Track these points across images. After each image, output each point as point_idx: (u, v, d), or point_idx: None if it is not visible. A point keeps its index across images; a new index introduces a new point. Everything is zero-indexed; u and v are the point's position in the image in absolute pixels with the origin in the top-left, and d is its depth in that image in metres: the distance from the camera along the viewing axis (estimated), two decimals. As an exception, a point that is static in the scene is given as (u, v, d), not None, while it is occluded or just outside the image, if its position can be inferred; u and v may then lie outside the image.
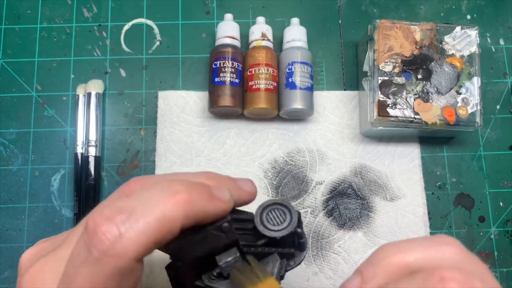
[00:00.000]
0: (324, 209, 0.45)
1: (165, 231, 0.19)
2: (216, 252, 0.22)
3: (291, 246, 0.25)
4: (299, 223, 0.24)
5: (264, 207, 0.24)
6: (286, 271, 0.24)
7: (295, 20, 0.48)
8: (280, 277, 0.24)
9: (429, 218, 0.45)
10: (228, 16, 0.47)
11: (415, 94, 0.43)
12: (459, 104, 0.43)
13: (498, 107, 0.49)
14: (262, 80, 0.44)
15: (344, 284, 0.21)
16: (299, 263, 0.25)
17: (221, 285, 0.22)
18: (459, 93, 0.43)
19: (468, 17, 0.51)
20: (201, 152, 0.46)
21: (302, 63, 0.45)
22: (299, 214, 0.24)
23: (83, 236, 0.19)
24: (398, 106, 0.42)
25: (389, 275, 0.20)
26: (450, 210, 0.46)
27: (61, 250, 0.21)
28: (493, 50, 0.50)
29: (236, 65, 0.45)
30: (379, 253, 0.21)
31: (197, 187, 0.21)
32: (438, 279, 0.18)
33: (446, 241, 0.21)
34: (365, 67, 0.45)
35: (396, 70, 0.43)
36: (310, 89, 0.45)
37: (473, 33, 0.45)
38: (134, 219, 0.18)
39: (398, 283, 0.20)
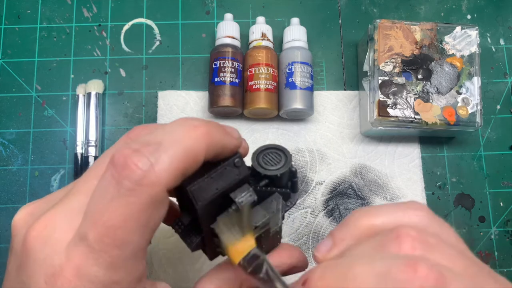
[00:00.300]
0: (324, 209, 0.45)
1: (191, 161, 0.20)
2: (230, 190, 0.23)
3: (286, 187, 0.26)
4: None
5: (258, 152, 0.26)
6: (285, 211, 0.26)
7: (295, 20, 0.48)
8: (282, 217, 0.25)
9: (429, 218, 0.45)
10: (228, 16, 0.47)
11: (415, 94, 0.43)
12: (459, 104, 0.43)
13: (498, 107, 0.49)
14: (262, 80, 0.44)
15: (318, 246, 0.23)
16: (295, 203, 0.27)
17: None
18: (459, 93, 0.43)
19: (468, 17, 0.51)
20: (201, 152, 0.46)
21: (302, 63, 0.45)
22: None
23: (110, 171, 0.19)
24: (398, 106, 0.42)
25: (357, 237, 0.22)
26: (450, 210, 0.46)
27: (69, 201, 0.21)
28: (493, 50, 0.50)
29: (236, 65, 0.45)
30: (350, 217, 0.23)
31: (213, 123, 0.22)
32: (395, 236, 0.19)
33: (414, 206, 0.22)
34: (365, 67, 0.45)
35: (396, 70, 0.43)
36: (310, 89, 0.45)
37: (473, 33, 0.45)
38: (162, 149, 0.19)
39: (361, 244, 0.21)
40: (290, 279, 0.25)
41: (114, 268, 0.19)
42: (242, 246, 0.22)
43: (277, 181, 0.25)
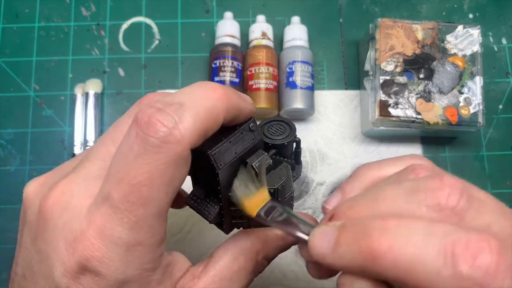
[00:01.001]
0: (325, 210, 0.44)
1: (212, 120, 0.20)
2: (247, 155, 0.23)
3: (290, 159, 0.28)
4: None
5: (263, 124, 0.27)
6: (293, 181, 0.27)
7: (295, 19, 0.47)
8: (292, 185, 0.27)
9: (431, 219, 0.45)
10: (228, 15, 0.47)
11: (417, 94, 0.42)
12: (461, 104, 0.42)
13: (500, 106, 0.48)
14: (262, 79, 0.44)
15: (327, 200, 0.24)
16: (299, 175, 0.29)
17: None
18: (461, 93, 0.43)
19: (470, 16, 0.51)
20: (200, 152, 0.46)
21: (302, 62, 0.44)
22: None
23: (134, 130, 0.19)
24: (399, 106, 0.42)
25: (367, 187, 0.23)
26: (452, 210, 0.45)
27: (85, 167, 0.21)
28: (495, 49, 0.50)
29: (236, 64, 0.44)
30: (357, 172, 0.24)
31: (229, 87, 0.22)
32: (410, 170, 0.20)
33: (417, 156, 0.23)
34: (367, 67, 0.44)
35: (398, 69, 0.43)
36: (311, 88, 0.44)
37: (475, 32, 0.44)
38: (186, 109, 0.19)
39: (375, 187, 0.21)
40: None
41: (138, 228, 0.19)
42: (257, 199, 0.22)
43: (284, 150, 0.26)
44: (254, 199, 0.22)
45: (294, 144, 0.29)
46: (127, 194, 0.18)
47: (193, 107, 0.20)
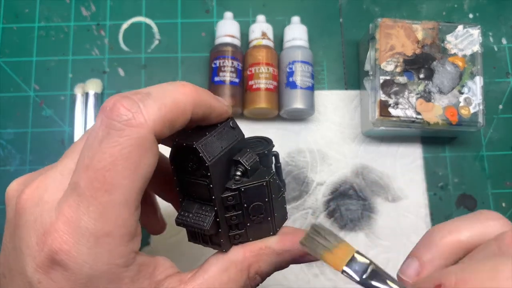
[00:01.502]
0: (325, 210, 0.44)
1: (179, 112, 0.21)
2: (232, 153, 0.23)
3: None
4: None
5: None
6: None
7: (295, 19, 0.47)
8: (283, 186, 0.26)
9: (431, 219, 0.45)
10: (228, 15, 0.47)
11: (417, 94, 0.42)
12: (461, 104, 0.42)
13: (500, 106, 0.48)
14: (262, 79, 0.43)
15: (403, 270, 0.22)
16: (285, 190, 0.28)
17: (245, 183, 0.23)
18: (461, 93, 0.43)
19: (470, 16, 0.51)
20: (200, 153, 0.46)
21: (302, 62, 0.44)
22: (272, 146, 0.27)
23: (99, 118, 0.19)
24: (399, 106, 0.42)
25: (446, 256, 0.21)
26: (453, 211, 0.45)
27: (60, 164, 0.21)
28: (496, 49, 0.50)
29: (236, 64, 0.44)
30: (430, 236, 0.22)
31: (200, 88, 0.23)
32: (510, 240, 0.19)
33: (492, 216, 0.21)
34: (367, 67, 0.44)
35: (398, 69, 0.43)
36: (311, 88, 0.44)
37: (475, 32, 0.44)
38: (151, 98, 0.20)
39: (467, 259, 0.20)
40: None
41: (105, 217, 0.19)
42: (341, 252, 0.21)
43: (262, 164, 0.26)
44: (336, 252, 0.21)
45: (274, 160, 0.28)
46: (92, 180, 0.18)
47: (159, 97, 0.20)
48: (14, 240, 0.20)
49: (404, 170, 0.46)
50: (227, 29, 0.46)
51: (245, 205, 0.23)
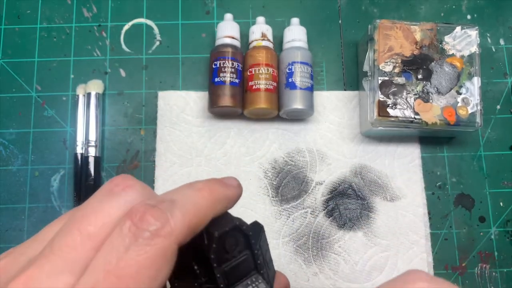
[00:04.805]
0: (324, 210, 0.45)
1: (201, 218, 0.21)
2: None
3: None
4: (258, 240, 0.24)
5: (221, 234, 0.23)
6: None
7: (295, 20, 0.48)
8: None
9: (429, 218, 0.45)
10: (228, 16, 0.47)
11: (415, 94, 0.43)
12: (459, 104, 0.43)
13: (498, 107, 0.49)
14: (262, 80, 0.44)
15: None
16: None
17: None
18: (459, 93, 0.43)
19: (468, 17, 0.51)
20: (201, 152, 0.46)
21: (302, 63, 0.45)
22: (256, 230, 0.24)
23: (127, 224, 0.19)
24: (398, 106, 0.42)
25: None
26: (450, 210, 0.46)
27: (48, 262, 0.20)
28: (493, 50, 0.50)
29: (236, 65, 0.44)
30: None
31: (213, 181, 0.23)
32: None
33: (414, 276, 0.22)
34: (365, 67, 0.45)
35: (396, 70, 0.43)
36: (310, 89, 0.45)
37: (473, 33, 0.45)
38: (177, 206, 0.21)
39: None
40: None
41: None
42: None
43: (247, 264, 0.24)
44: None
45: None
46: (114, 287, 0.18)
47: (183, 205, 0.21)
48: None
49: (403, 169, 0.46)
50: (227, 30, 0.46)
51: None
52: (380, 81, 0.43)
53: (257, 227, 0.24)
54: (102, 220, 0.21)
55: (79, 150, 0.45)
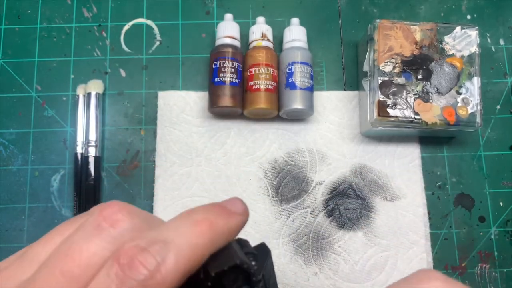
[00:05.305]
0: (324, 209, 0.45)
1: (197, 260, 0.19)
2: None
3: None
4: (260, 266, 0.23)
5: (220, 272, 0.22)
6: None
7: (295, 20, 0.48)
8: None
9: (429, 218, 0.45)
10: (228, 16, 0.47)
11: (415, 94, 0.43)
12: (459, 104, 0.43)
13: (498, 107, 0.49)
14: (262, 80, 0.44)
15: None
16: None
17: None
18: (459, 93, 0.43)
19: (468, 17, 0.51)
20: (201, 152, 0.46)
21: (302, 63, 0.45)
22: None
23: (113, 269, 0.18)
24: (398, 106, 0.42)
25: None
26: (450, 210, 0.46)
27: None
28: (493, 50, 0.50)
29: (236, 65, 0.45)
30: None
31: (214, 209, 0.21)
32: None
33: (428, 275, 0.21)
34: (365, 67, 0.45)
35: (396, 70, 0.43)
36: (310, 89, 0.45)
37: (473, 33, 0.45)
38: (169, 249, 0.19)
39: None
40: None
41: None
42: None
43: None
44: None
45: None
46: None
47: (177, 246, 0.19)
48: None
49: (403, 169, 0.46)
50: (227, 31, 0.46)
51: None
52: (380, 81, 0.43)
53: (263, 252, 0.22)
54: (87, 261, 0.19)
55: (79, 150, 0.45)
